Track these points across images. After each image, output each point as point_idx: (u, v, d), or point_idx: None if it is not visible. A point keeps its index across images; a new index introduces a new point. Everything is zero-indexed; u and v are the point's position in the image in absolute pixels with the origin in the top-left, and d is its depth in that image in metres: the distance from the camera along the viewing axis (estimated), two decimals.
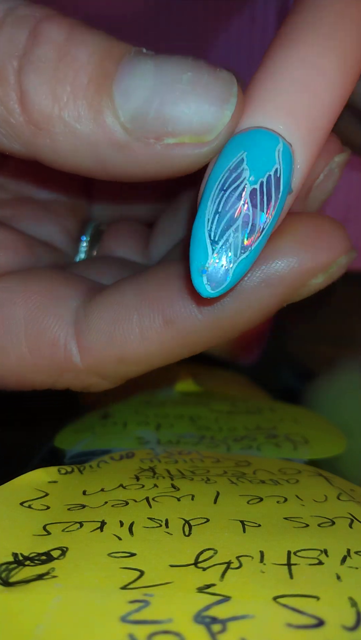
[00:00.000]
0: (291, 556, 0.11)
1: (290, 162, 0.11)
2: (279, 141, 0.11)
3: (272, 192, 0.11)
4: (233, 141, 0.11)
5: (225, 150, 0.11)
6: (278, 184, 0.11)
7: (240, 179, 0.11)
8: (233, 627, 0.09)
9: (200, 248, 0.11)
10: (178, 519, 0.12)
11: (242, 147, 0.11)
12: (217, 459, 0.17)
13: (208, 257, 0.11)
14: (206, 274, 0.11)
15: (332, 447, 0.18)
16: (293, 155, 0.11)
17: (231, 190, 0.11)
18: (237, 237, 0.11)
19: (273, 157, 0.11)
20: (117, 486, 0.14)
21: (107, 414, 0.21)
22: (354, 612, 0.09)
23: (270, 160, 0.11)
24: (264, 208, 0.11)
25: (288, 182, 0.11)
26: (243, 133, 0.11)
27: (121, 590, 0.10)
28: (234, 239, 0.11)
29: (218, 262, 0.11)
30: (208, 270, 0.11)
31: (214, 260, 0.11)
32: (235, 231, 0.11)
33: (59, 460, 0.17)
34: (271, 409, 0.22)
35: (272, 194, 0.11)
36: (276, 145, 0.11)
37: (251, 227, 0.11)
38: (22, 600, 0.09)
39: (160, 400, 0.22)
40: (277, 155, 0.11)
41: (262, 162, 0.11)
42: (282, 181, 0.11)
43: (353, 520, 0.12)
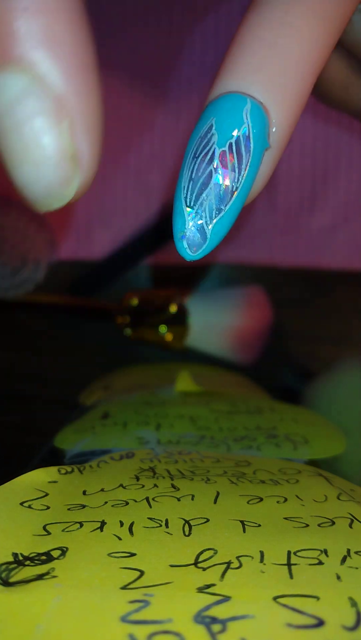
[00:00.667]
0: (291, 556, 0.11)
1: (262, 120, 0.11)
2: (247, 101, 0.11)
3: (242, 151, 0.11)
4: (206, 109, 0.12)
5: (199, 121, 0.12)
6: (248, 142, 0.11)
7: (210, 143, 0.11)
8: (233, 627, 0.09)
9: (178, 215, 0.12)
10: (178, 519, 0.12)
11: (212, 113, 0.12)
12: (217, 459, 0.17)
13: (185, 223, 0.11)
14: (185, 239, 0.12)
15: (332, 447, 0.18)
16: (268, 113, 0.11)
17: (202, 156, 0.11)
18: (210, 200, 0.11)
19: (241, 118, 0.11)
20: (117, 486, 0.14)
21: (107, 414, 0.21)
22: (354, 612, 0.09)
23: (238, 121, 0.11)
24: (235, 168, 0.11)
25: (262, 139, 0.12)
26: (214, 100, 0.12)
27: (121, 590, 0.10)
28: (208, 202, 0.11)
29: (194, 227, 0.11)
30: (186, 235, 0.12)
31: (190, 225, 0.11)
32: (208, 194, 0.11)
33: (59, 460, 0.17)
34: (271, 409, 0.22)
35: (242, 153, 0.11)
36: (244, 105, 0.11)
37: (225, 189, 0.11)
38: (22, 600, 0.09)
39: (160, 400, 0.22)
40: (245, 116, 0.11)
41: (229, 124, 0.11)
42: (252, 139, 0.11)
43: (353, 520, 0.12)
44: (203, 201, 0.11)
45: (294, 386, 0.30)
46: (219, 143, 0.11)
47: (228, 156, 0.11)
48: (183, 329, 0.29)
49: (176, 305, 0.29)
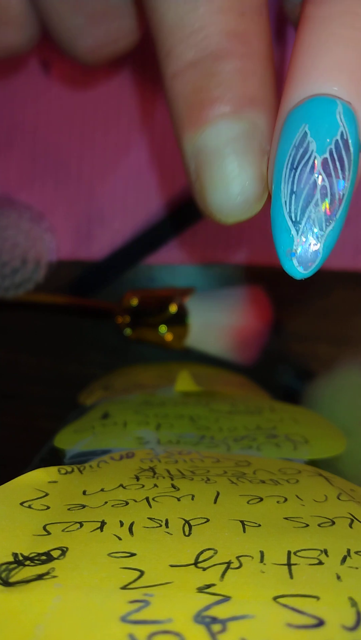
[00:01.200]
0: (291, 556, 0.11)
1: (354, 121, 0.11)
2: (338, 103, 0.11)
3: (343, 156, 0.11)
4: (292, 116, 0.11)
5: (286, 128, 0.11)
6: (348, 146, 0.11)
7: (308, 152, 0.11)
8: (233, 627, 0.09)
9: (284, 232, 0.11)
10: (178, 519, 0.12)
11: (302, 119, 0.11)
12: (217, 458, 0.17)
13: (294, 240, 0.11)
14: (295, 257, 0.11)
15: (332, 447, 0.18)
16: (356, 113, 0.11)
17: (302, 166, 0.11)
18: (319, 211, 0.11)
19: (335, 121, 0.11)
20: (117, 486, 0.14)
21: (107, 414, 0.21)
22: (354, 612, 0.09)
23: (333, 125, 0.11)
24: (339, 174, 0.11)
25: (357, 140, 0.11)
26: (299, 106, 0.11)
27: (121, 590, 0.10)
28: (316, 214, 0.11)
29: (305, 242, 0.11)
30: (296, 252, 0.11)
31: (300, 241, 0.11)
32: (316, 205, 0.11)
33: (59, 460, 0.17)
34: (271, 409, 0.22)
35: (343, 157, 0.11)
36: (335, 108, 0.11)
37: (331, 197, 0.11)
38: (22, 600, 0.09)
39: (160, 400, 0.22)
40: (339, 118, 0.11)
41: (325, 129, 0.11)
42: (351, 142, 0.11)
43: (353, 520, 0.12)
44: (310, 214, 0.11)
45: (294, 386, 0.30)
46: (319, 150, 0.11)
47: (330, 163, 0.11)
48: (183, 329, 0.29)
49: (176, 305, 0.29)
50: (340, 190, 0.11)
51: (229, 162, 0.12)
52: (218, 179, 0.12)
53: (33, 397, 0.33)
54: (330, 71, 0.11)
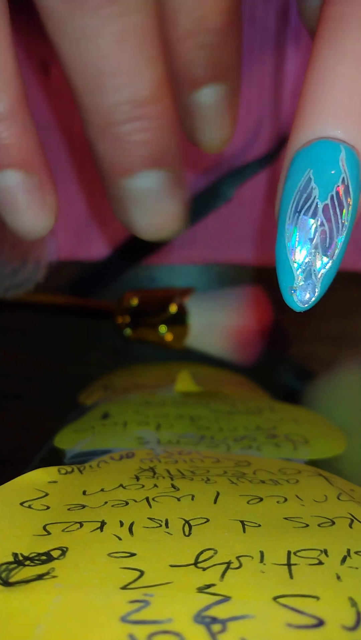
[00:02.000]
0: (291, 556, 0.11)
1: (357, 165, 0.12)
2: (341, 149, 0.11)
3: (343, 201, 0.12)
4: (298, 158, 0.12)
5: (293, 169, 0.12)
6: (348, 191, 0.12)
7: (311, 197, 0.12)
8: (233, 627, 0.09)
9: (286, 270, 0.12)
10: (178, 519, 0.12)
11: (307, 164, 0.12)
12: (217, 459, 0.17)
13: (295, 279, 0.12)
14: (295, 293, 0.12)
15: (332, 447, 0.18)
16: (359, 156, 0.12)
17: (305, 211, 0.12)
18: (318, 254, 0.12)
19: (338, 168, 0.11)
20: (117, 486, 0.14)
21: (107, 414, 0.21)
22: (354, 612, 0.09)
23: (336, 172, 0.12)
24: (338, 219, 0.12)
25: (358, 184, 0.12)
26: (305, 148, 0.12)
27: (121, 590, 0.10)
28: (315, 255, 0.12)
29: (303, 280, 0.12)
30: (296, 290, 0.12)
31: (299, 279, 0.12)
32: (315, 247, 0.12)
33: (59, 460, 0.17)
34: (271, 409, 0.22)
35: (343, 203, 0.12)
36: (339, 154, 0.11)
37: (330, 241, 0.12)
38: (22, 600, 0.09)
39: (160, 400, 0.22)
40: (341, 165, 0.11)
41: (328, 175, 0.12)
42: (351, 187, 0.12)
43: (353, 520, 0.12)
44: (310, 255, 0.12)
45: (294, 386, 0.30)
46: (321, 196, 0.12)
47: (330, 208, 0.12)
48: (183, 329, 0.29)
49: (176, 305, 0.29)
50: (338, 233, 0.12)
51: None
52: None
53: (33, 397, 0.33)
54: (337, 115, 0.11)
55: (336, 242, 0.12)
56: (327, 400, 0.27)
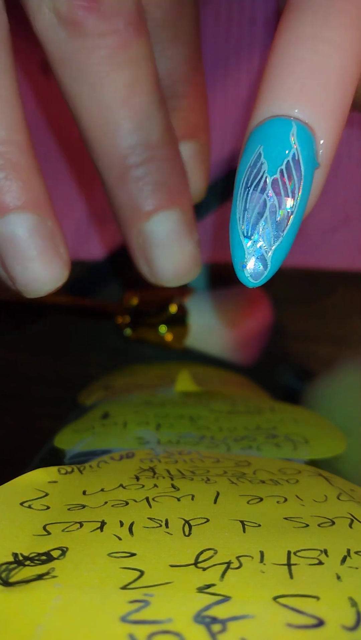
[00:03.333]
0: (291, 556, 0.11)
1: (309, 141, 0.12)
2: (292, 124, 0.12)
3: (293, 175, 0.12)
4: (251, 137, 0.12)
5: (246, 148, 0.12)
6: (298, 166, 0.12)
7: (260, 172, 0.12)
8: (233, 627, 0.09)
9: (237, 246, 0.12)
10: (178, 519, 0.12)
11: (259, 141, 0.12)
12: (217, 459, 0.17)
13: (245, 254, 0.12)
14: (246, 269, 0.12)
15: (332, 447, 0.18)
16: (314, 133, 0.12)
17: (254, 186, 0.12)
18: (268, 229, 0.12)
19: (288, 143, 0.12)
20: (117, 486, 0.14)
21: (107, 414, 0.21)
22: (354, 612, 0.09)
23: (285, 146, 0.12)
24: (288, 193, 0.12)
25: (311, 159, 0.12)
26: (259, 126, 0.12)
27: (121, 590, 0.10)
28: (265, 230, 0.12)
29: (254, 256, 0.12)
30: (247, 265, 0.12)
31: (249, 254, 0.12)
32: (265, 223, 0.12)
33: (59, 460, 0.17)
34: (271, 409, 0.22)
35: (293, 177, 0.12)
36: (290, 129, 0.12)
37: (281, 215, 0.12)
38: (22, 600, 0.09)
39: (160, 400, 0.22)
40: (292, 140, 0.12)
41: (278, 150, 0.12)
42: (302, 162, 0.12)
43: (353, 520, 0.12)
44: (260, 230, 0.12)
45: (295, 386, 0.30)
46: (270, 171, 0.12)
47: (280, 183, 0.12)
48: (183, 329, 0.29)
49: (176, 305, 0.29)
50: (289, 209, 0.12)
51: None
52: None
53: (33, 397, 0.33)
54: (290, 93, 0.12)
55: (286, 218, 0.12)
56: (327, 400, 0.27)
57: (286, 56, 0.12)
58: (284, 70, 0.12)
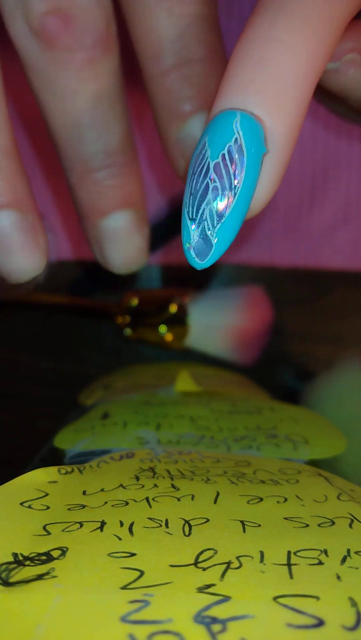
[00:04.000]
0: (291, 556, 0.11)
1: (253, 127, 0.12)
2: (236, 114, 0.12)
3: (235, 158, 0.12)
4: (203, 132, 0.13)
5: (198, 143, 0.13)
6: (241, 150, 0.12)
7: (204, 159, 0.12)
8: (233, 627, 0.09)
9: (184, 228, 0.12)
10: (178, 519, 0.12)
11: (206, 133, 0.12)
12: (217, 459, 0.17)
13: (191, 235, 0.12)
14: (192, 249, 0.12)
15: (332, 447, 0.18)
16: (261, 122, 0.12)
17: (199, 171, 0.12)
18: (210, 209, 0.12)
19: (231, 130, 0.12)
20: (117, 486, 0.14)
21: (107, 414, 0.21)
22: (354, 612, 0.09)
23: (228, 133, 0.12)
24: (230, 175, 0.12)
25: (256, 144, 0.12)
26: (210, 121, 0.13)
27: (121, 590, 0.10)
28: (208, 211, 0.12)
29: (198, 236, 0.12)
30: (192, 245, 0.12)
31: (194, 235, 0.12)
32: (207, 204, 0.12)
33: (59, 460, 0.17)
34: (271, 409, 0.22)
35: (235, 160, 0.12)
36: (233, 118, 0.12)
37: (222, 196, 0.12)
38: (22, 600, 0.09)
39: (160, 400, 0.22)
40: (235, 127, 0.12)
41: (220, 137, 0.12)
42: (245, 147, 0.12)
43: (353, 520, 0.12)
44: (203, 212, 0.12)
45: (295, 386, 0.30)
46: (212, 156, 0.12)
47: (222, 166, 0.12)
48: (183, 329, 0.29)
49: (176, 305, 0.29)
50: (231, 190, 0.12)
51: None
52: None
53: (33, 397, 0.33)
54: (239, 87, 0.12)
55: (229, 197, 0.12)
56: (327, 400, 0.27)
57: (239, 54, 0.12)
58: (236, 67, 0.12)
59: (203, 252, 0.12)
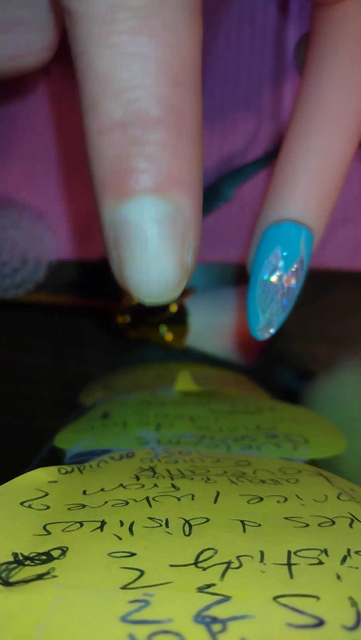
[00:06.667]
0: (291, 556, 0.11)
1: (311, 244, 0.15)
2: (302, 232, 0.15)
3: (298, 271, 0.16)
4: (268, 233, 0.16)
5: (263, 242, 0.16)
6: (302, 264, 0.16)
7: (278, 269, 0.16)
8: (233, 627, 0.09)
9: (254, 316, 0.16)
10: (178, 518, 0.12)
11: (276, 242, 0.15)
12: (217, 458, 0.17)
13: (260, 322, 0.16)
14: (259, 330, 0.16)
15: (332, 447, 0.18)
16: (314, 235, 0.15)
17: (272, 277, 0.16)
18: (277, 306, 0.16)
19: (298, 248, 0.15)
20: (117, 486, 0.14)
21: (107, 414, 0.21)
22: (354, 612, 0.09)
23: (296, 251, 0.15)
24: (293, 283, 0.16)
25: (309, 256, 0.16)
26: (275, 226, 0.15)
27: (121, 590, 0.10)
28: (275, 308, 0.16)
29: (265, 324, 0.16)
30: (260, 328, 0.16)
31: (263, 324, 0.16)
32: (276, 303, 0.16)
33: (59, 460, 0.17)
34: (271, 409, 0.22)
35: (298, 272, 0.16)
36: (300, 237, 0.15)
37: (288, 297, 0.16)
38: (22, 600, 0.09)
39: (160, 400, 0.22)
40: (301, 246, 0.15)
41: (291, 254, 0.15)
42: (305, 262, 0.16)
43: (353, 520, 0.12)
44: (272, 307, 0.16)
45: (295, 386, 0.30)
46: (285, 269, 0.16)
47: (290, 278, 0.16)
48: (183, 329, 0.29)
49: (176, 305, 0.29)
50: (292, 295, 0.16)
51: (152, 244, 0.12)
52: (138, 259, 0.12)
53: (33, 397, 0.33)
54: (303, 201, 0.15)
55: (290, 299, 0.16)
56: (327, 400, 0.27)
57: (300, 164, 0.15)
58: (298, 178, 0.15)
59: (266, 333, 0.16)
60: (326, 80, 0.15)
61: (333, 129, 0.15)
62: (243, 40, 0.29)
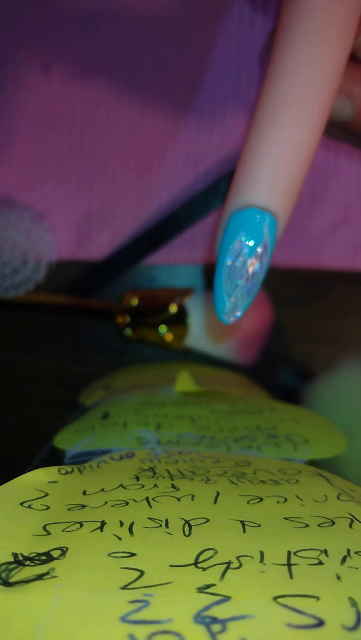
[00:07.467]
0: (291, 556, 0.11)
1: (275, 229, 0.16)
2: (266, 218, 0.15)
3: (262, 255, 0.16)
4: (233, 219, 0.16)
5: (228, 229, 0.16)
6: (266, 248, 0.16)
7: (242, 254, 0.16)
8: (233, 627, 0.09)
9: (220, 299, 0.16)
10: (178, 519, 0.12)
11: (240, 227, 0.16)
12: (217, 459, 0.17)
13: (226, 306, 0.16)
14: (225, 314, 0.16)
15: (332, 447, 0.18)
16: (278, 220, 0.16)
17: (236, 261, 0.16)
18: (243, 289, 0.16)
19: (262, 234, 0.16)
20: (117, 486, 0.14)
21: (107, 414, 0.21)
22: (354, 612, 0.09)
23: (260, 236, 0.16)
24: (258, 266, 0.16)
25: (273, 241, 0.16)
26: (240, 212, 0.16)
27: (121, 590, 0.10)
28: (241, 291, 0.16)
29: (231, 307, 0.16)
30: (226, 312, 0.16)
31: (229, 307, 0.16)
32: (241, 288, 0.16)
33: (59, 460, 0.17)
34: (271, 409, 0.22)
35: (262, 256, 0.16)
36: (264, 222, 0.15)
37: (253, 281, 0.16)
38: (22, 600, 0.09)
39: (160, 400, 0.22)
40: (265, 232, 0.16)
41: (255, 239, 0.16)
42: (269, 247, 0.16)
43: (353, 520, 0.12)
44: (237, 291, 0.16)
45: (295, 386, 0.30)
46: (249, 254, 0.16)
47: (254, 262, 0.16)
48: (183, 329, 0.29)
49: (176, 305, 0.29)
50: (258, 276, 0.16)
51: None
52: None
53: (33, 397, 0.33)
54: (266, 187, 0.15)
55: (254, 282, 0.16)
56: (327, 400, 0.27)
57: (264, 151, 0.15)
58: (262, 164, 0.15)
59: (232, 316, 0.16)
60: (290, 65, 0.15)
61: (296, 115, 0.15)
62: (243, 40, 0.29)
